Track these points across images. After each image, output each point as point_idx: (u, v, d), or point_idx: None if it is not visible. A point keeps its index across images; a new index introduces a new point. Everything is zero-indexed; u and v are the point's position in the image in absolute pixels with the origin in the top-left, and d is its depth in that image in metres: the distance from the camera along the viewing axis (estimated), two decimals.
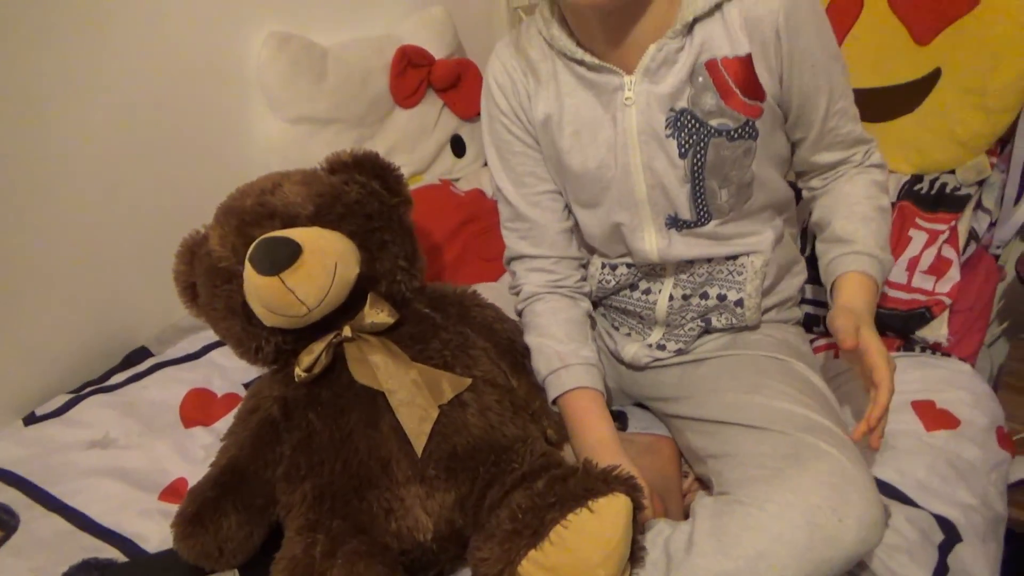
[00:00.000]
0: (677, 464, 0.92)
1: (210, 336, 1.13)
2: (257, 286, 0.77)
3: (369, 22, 1.36)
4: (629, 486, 0.68)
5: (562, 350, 0.90)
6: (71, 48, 0.99)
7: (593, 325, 0.98)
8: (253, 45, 1.18)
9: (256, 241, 0.79)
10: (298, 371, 0.82)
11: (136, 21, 1.05)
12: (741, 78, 0.79)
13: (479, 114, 1.45)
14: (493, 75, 0.92)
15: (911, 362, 1.02)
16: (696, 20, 0.77)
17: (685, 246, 0.88)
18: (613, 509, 0.66)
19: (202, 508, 0.77)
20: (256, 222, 0.83)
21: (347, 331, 0.84)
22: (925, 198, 1.11)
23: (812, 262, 0.98)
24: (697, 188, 0.84)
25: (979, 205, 1.16)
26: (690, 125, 0.81)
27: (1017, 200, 1.16)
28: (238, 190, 0.90)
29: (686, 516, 0.85)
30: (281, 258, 0.77)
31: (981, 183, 1.14)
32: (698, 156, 0.82)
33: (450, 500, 0.78)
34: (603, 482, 0.68)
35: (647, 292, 0.93)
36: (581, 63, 0.83)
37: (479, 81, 1.40)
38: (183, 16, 1.10)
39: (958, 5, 1.06)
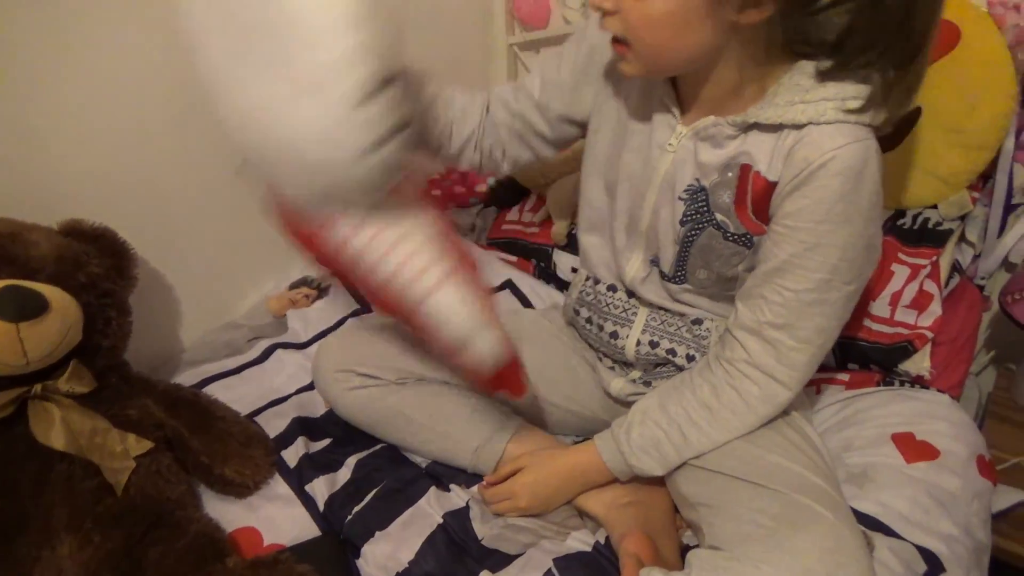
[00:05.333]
0: (671, 500, 0.92)
1: None
2: None
3: None
4: None
5: None
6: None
7: None
8: None
9: (7, 285, 0.80)
10: None
11: None
12: (758, 198, 0.77)
13: None
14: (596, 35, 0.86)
15: (890, 396, 1.03)
16: (756, 126, 0.75)
17: (654, 289, 0.90)
18: None
19: None
20: None
21: (38, 388, 0.84)
22: (908, 233, 1.14)
23: None
24: (682, 255, 0.85)
25: (963, 238, 1.19)
26: (700, 203, 0.81)
27: (1000, 233, 1.19)
28: None
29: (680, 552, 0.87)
30: (28, 309, 0.78)
31: (963, 217, 1.17)
32: (693, 232, 0.83)
33: (101, 555, 0.79)
34: None
35: (614, 336, 0.94)
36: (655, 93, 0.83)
37: None
38: None
39: (938, 47, 1.09)
